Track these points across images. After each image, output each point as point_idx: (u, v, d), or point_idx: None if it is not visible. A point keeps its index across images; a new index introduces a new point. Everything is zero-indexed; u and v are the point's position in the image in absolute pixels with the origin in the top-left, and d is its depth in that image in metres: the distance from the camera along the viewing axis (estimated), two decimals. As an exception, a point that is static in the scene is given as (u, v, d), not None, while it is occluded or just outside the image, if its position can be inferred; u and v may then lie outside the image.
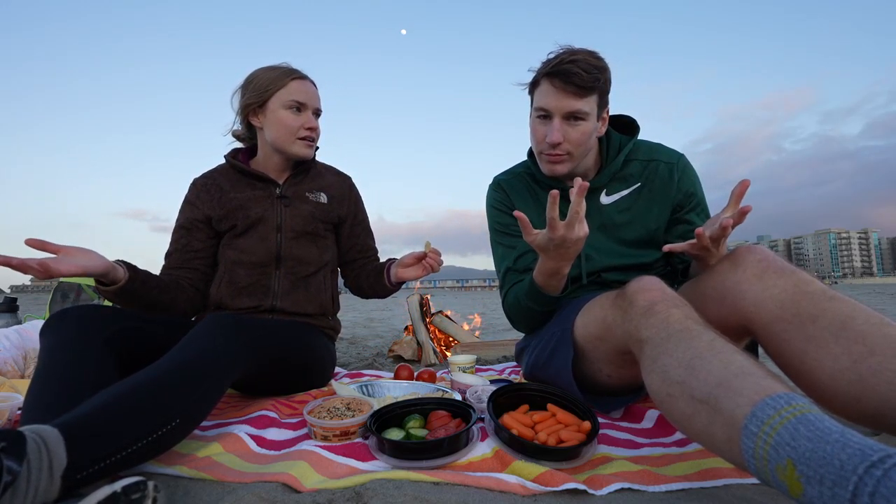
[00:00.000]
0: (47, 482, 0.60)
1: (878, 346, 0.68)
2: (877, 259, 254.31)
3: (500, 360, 2.06)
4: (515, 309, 1.25)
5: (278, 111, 1.31)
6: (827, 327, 0.73)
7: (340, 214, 1.47)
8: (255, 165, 1.43)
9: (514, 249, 1.30)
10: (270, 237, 1.35)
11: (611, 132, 1.27)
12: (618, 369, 0.99)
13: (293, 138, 1.33)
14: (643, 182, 1.23)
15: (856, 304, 0.75)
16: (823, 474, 0.49)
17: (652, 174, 1.23)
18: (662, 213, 1.23)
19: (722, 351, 0.68)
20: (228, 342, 0.93)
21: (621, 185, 1.24)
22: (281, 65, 1.36)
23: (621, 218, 1.23)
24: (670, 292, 0.84)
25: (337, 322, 1.50)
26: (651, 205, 1.22)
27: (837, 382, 0.70)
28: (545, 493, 0.73)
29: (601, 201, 1.24)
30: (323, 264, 1.43)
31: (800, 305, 0.78)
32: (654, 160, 1.24)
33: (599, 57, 1.13)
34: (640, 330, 0.81)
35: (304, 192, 1.41)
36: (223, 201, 1.36)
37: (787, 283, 0.81)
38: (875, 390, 0.66)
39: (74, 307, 1.00)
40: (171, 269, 1.35)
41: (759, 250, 0.89)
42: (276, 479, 0.77)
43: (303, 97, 1.33)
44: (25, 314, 2.69)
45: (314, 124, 1.36)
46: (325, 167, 1.53)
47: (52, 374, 0.87)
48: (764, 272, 0.85)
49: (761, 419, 0.56)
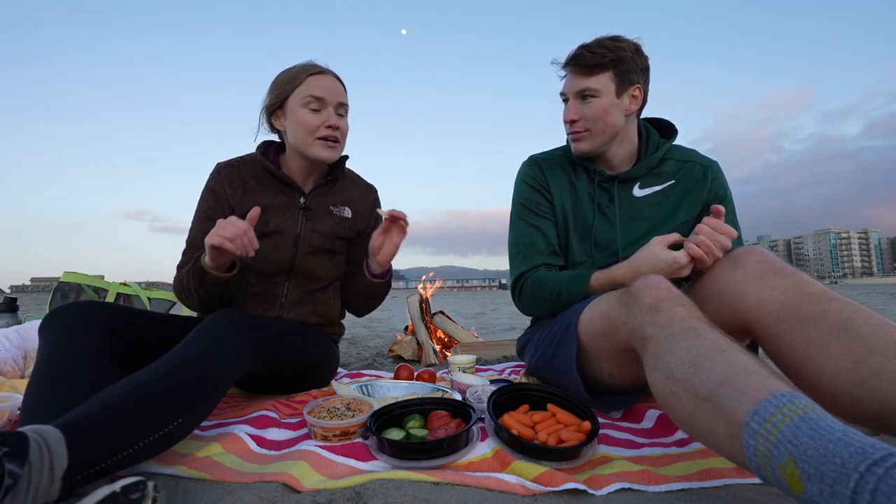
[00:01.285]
0: (48, 483, 0.60)
1: (878, 347, 0.68)
2: (877, 259, 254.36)
3: (500, 360, 2.06)
4: (544, 294, 1.22)
5: (297, 110, 1.23)
6: (827, 328, 0.73)
7: (360, 229, 1.41)
8: (283, 166, 1.35)
9: (537, 230, 1.30)
10: (286, 248, 1.29)
11: (651, 131, 1.32)
12: (619, 368, 0.99)
13: (312, 138, 1.24)
14: (677, 180, 1.28)
15: (856, 304, 0.75)
16: (824, 472, 0.49)
17: (687, 174, 1.28)
18: (692, 209, 1.26)
19: (726, 349, 0.68)
20: (231, 342, 0.93)
21: (655, 180, 1.29)
22: (303, 62, 1.29)
23: (651, 212, 1.27)
24: (676, 291, 0.84)
25: (341, 327, 1.49)
26: (682, 202, 1.27)
27: (838, 384, 0.70)
28: (545, 493, 0.73)
29: (634, 193, 1.29)
30: (333, 279, 1.39)
31: (800, 307, 0.78)
32: (690, 161, 1.30)
33: (617, 37, 1.20)
34: (644, 328, 0.81)
35: (328, 206, 1.34)
36: (244, 201, 1.27)
37: (787, 284, 0.81)
38: (876, 391, 0.66)
39: (74, 303, 0.99)
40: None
41: (758, 251, 0.89)
42: (276, 479, 0.77)
43: (320, 92, 1.23)
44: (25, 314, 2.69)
45: (335, 122, 1.25)
46: (353, 177, 1.45)
47: (52, 370, 0.86)
48: (764, 273, 0.85)
49: (764, 417, 0.56)
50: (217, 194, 1.29)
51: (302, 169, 1.33)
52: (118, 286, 2.54)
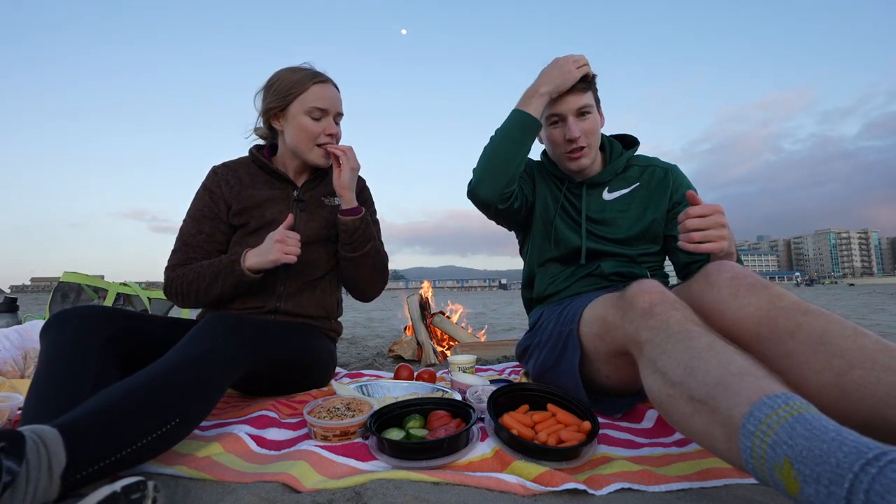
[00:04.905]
0: (47, 482, 0.60)
1: (856, 360, 0.68)
2: (877, 259, 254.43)
3: (500, 360, 2.06)
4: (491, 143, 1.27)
5: (299, 116, 1.30)
6: (805, 342, 0.74)
7: None
8: (276, 163, 1.41)
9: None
10: None
11: (613, 143, 1.44)
12: (616, 370, 0.99)
13: (312, 145, 1.32)
14: (642, 182, 1.38)
15: (830, 315, 0.75)
16: (820, 472, 0.49)
17: (650, 176, 1.39)
18: (659, 207, 1.36)
19: (721, 352, 0.68)
20: (228, 342, 0.93)
21: (623, 184, 1.39)
22: (304, 66, 1.34)
23: (621, 213, 1.36)
24: (670, 295, 0.84)
25: (339, 325, 1.50)
26: (648, 201, 1.36)
27: (823, 397, 0.70)
28: (545, 493, 0.73)
29: (604, 197, 1.38)
30: (330, 268, 1.42)
31: (776, 322, 0.78)
32: (651, 165, 1.41)
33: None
34: (639, 332, 0.81)
35: (320, 197, 1.39)
36: (241, 196, 1.33)
37: (761, 299, 0.82)
38: (861, 404, 0.66)
39: (74, 308, 0.99)
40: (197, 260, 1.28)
41: (728, 267, 0.90)
42: (276, 479, 0.77)
43: (324, 103, 1.30)
44: (25, 314, 2.69)
45: (334, 130, 1.34)
46: None
47: (53, 374, 0.87)
48: (737, 290, 0.85)
49: (759, 418, 0.56)
50: (213, 193, 1.34)
51: (295, 167, 1.40)
52: (118, 286, 2.54)
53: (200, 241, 1.31)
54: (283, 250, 1.17)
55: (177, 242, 1.32)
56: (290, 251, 1.18)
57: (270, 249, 1.18)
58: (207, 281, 1.21)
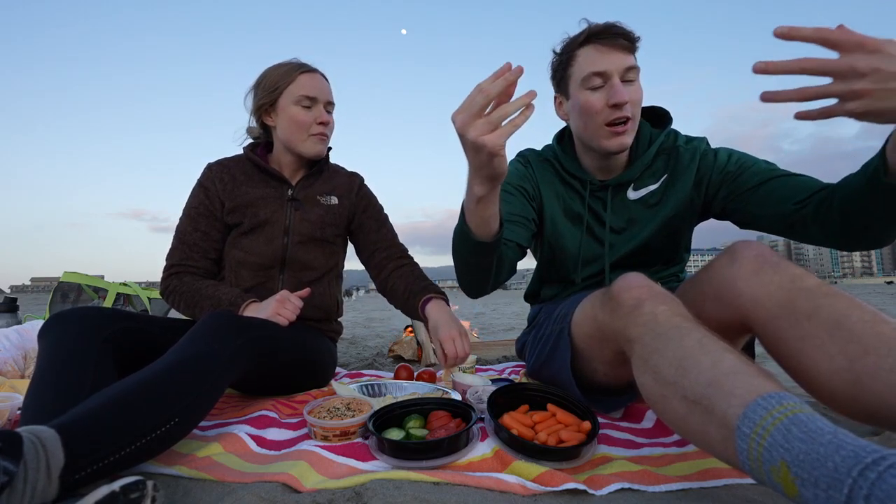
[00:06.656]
0: (45, 482, 0.60)
1: (871, 346, 0.67)
2: (877, 259, 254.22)
3: (500, 360, 2.06)
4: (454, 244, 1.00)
5: (289, 108, 1.29)
6: (821, 325, 0.72)
7: (348, 214, 1.44)
8: (271, 162, 1.40)
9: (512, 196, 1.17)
10: (277, 240, 1.32)
11: (642, 123, 1.17)
12: (613, 368, 0.98)
13: (305, 134, 1.31)
14: (669, 172, 1.17)
15: (852, 300, 0.73)
16: (818, 476, 0.49)
17: (675, 162, 1.16)
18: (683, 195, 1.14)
19: (712, 350, 0.67)
20: (227, 341, 0.93)
21: (650, 179, 1.17)
22: (290, 60, 1.34)
23: (646, 214, 1.17)
24: (657, 288, 0.83)
25: (339, 325, 1.49)
26: (676, 193, 1.15)
27: (835, 382, 0.69)
28: (545, 493, 0.73)
29: (628, 197, 1.18)
30: (328, 270, 1.41)
31: (795, 303, 0.76)
32: (675, 147, 1.17)
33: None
34: (628, 329, 0.80)
35: (315, 196, 1.38)
36: (234, 194, 1.33)
37: (783, 278, 0.80)
38: (872, 390, 0.65)
39: (73, 309, 1.00)
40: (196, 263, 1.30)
41: (755, 245, 0.87)
42: (276, 479, 0.77)
43: (312, 91, 1.30)
44: (25, 314, 2.69)
45: (326, 118, 1.32)
46: (337, 168, 1.50)
47: (52, 375, 0.87)
48: (760, 267, 0.83)
49: (753, 420, 0.56)
50: (208, 190, 1.34)
51: (289, 164, 1.38)
52: (118, 286, 2.54)
53: (197, 239, 1.32)
54: (277, 310, 1.14)
55: (174, 241, 1.33)
56: (284, 314, 1.14)
57: (268, 307, 1.16)
58: (204, 312, 1.20)
